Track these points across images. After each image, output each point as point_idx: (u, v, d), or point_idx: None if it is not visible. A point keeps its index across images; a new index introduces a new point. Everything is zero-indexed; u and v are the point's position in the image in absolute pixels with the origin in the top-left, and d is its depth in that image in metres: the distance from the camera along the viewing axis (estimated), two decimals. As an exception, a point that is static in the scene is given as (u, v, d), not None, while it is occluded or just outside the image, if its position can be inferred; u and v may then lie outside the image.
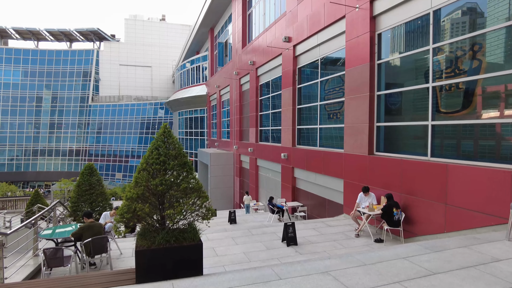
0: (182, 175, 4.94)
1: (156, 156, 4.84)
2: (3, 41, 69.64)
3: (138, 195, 4.71)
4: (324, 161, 11.54)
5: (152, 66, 71.69)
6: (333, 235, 8.53)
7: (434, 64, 7.45)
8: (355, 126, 9.80)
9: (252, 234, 8.53)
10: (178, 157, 5.02)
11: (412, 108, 8.19)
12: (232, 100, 23.71)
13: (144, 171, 4.85)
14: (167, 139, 5.03)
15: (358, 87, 9.64)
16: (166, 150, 4.95)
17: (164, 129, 5.10)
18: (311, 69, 13.17)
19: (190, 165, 5.12)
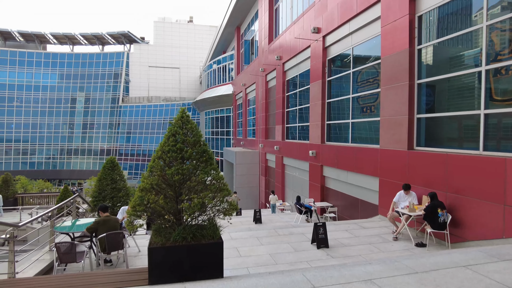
0: (201, 165, 4.41)
1: (173, 143, 4.35)
2: (42, 46, 73.18)
3: (152, 186, 4.23)
4: (357, 158, 10.71)
5: (180, 67, 72.74)
6: (368, 238, 7.74)
7: (488, 45, 6.51)
8: (392, 119, 8.95)
9: (279, 234, 7.90)
10: (196, 144, 4.50)
11: (460, 96, 7.27)
12: (258, 97, 23.19)
13: (159, 159, 4.37)
14: (185, 125, 4.53)
15: (395, 75, 8.79)
16: (184, 137, 4.44)
17: (182, 113, 4.60)
18: (342, 60, 12.37)
19: (210, 154, 4.59)
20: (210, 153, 4.67)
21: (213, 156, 4.66)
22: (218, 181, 4.59)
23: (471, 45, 6.99)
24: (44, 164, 64.59)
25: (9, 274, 4.71)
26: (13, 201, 23.93)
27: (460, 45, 7.32)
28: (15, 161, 63.86)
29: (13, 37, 68.24)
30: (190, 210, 4.07)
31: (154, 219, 4.34)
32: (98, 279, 4.01)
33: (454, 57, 7.51)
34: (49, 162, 64.93)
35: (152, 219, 4.34)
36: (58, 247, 5.01)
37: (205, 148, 4.58)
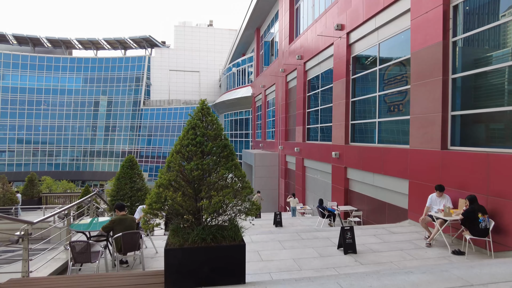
0: (222, 160, 4.08)
1: (192, 137, 4.04)
2: (68, 51, 75.71)
3: (170, 182, 3.93)
4: (384, 160, 10.14)
5: (200, 71, 73.42)
6: (398, 244, 7.19)
7: (536, 33, 5.90)
8: (423, 117, 8.37)
9: (302, 238, 7.48)
10: (217, 138, 4.18)
11: (501, 91, 6.65)
12: (278, 98, 22.81)
13: (178, 153, 4.07)
14: (205, 117, 4.22)
15: (427, 71, 8.22)
16: (204, 130, 4.13)
17: (202, 105, 4.30)
18: (367, 57, 11.84)
19: (231, 149, 4.26)
20: (232, 148, 4.34)
21: (234, 151, 4.33)
22: (240, 178, 4.26)
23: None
24: (68, 166, 66.48)
25: (23, 272, 4.53)
26: (37, 200, 24.51)
27: (502, 35, 6.71)
28: (42, 162, 66.07)
29: (42, 43, 70.87)
30: (210, 208, 3.75)
31: (171, 218, 4.04)
32: (112, 282, 3.74)
33: (493, 48, 6.90)
34: (72, 163, 66.79)
35: (170, 218, 4.04)
36: (72, 246, 4.81)
37: (227, 142, 4.25)
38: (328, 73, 14.88)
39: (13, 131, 66.00)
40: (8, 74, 67.58)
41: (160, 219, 4.18)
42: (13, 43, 70.26)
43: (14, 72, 67.75)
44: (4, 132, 65.62)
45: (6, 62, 67.62)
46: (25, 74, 68.12)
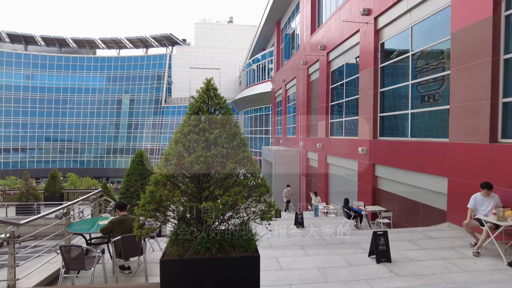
0: (231, 151, 3.33)
1: (195, 123, 3.31)
2: (92, 51, 77.44)
3: (168, 178, 3.22)
4: (418, 155, 9.10)
5: (220, 68, 73.18)
6: (439, 251, 6.23)
7: None
8: (467, 105, 7.30)
9: (327, 243, 6.64)
10: (226, 125, 3.43)
11: None
12: (299, 92, 21.86)
13: (178, 143, 3.36)
14: (211, 100, 3.48)
15: (472, 52, 7.15)
16: (209, 115, 3.39)
17: (208, 85, 3.56)
18: (398, 43, 10.77)
19: (243, 139, 3.50)
20: (244, 137, 3.58)
21: (247, 142, 3.57)
22: (254, 174, 3.49)
23: None
24: (92, 163, 68.08)
25: (8, 281, 3.99)
26: (59, 196, 24.75)
27: None
28: (67, 159, 67.99)
29: (67, 43, 72.78)
30: (215, 211, 3.01)
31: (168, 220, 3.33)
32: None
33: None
34: (96, 160, 68.33)
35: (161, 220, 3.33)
36: (63, 251, 4.22)
37: (237, 130, 3.49)
38: (354, 62, 13.85)
39: (41, 129, 68.26)
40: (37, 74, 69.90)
41: (160, 222, 3.47)
42: (41, 44, 72.56)
43: (42, 72, 69.98)
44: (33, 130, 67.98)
45: (35, 62, 69.94)
46: (52, 74, 70.20)
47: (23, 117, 67.00)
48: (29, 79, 68.59)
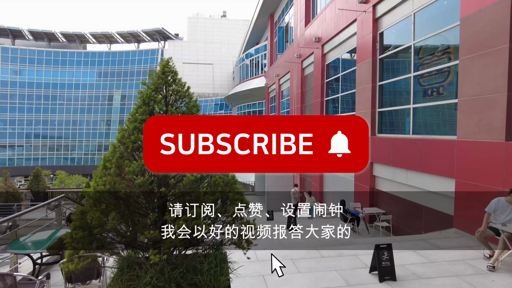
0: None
1: (142, 117, 2.44)
2: (82, 45, 75.67)
3: (102, 194, 2.35)
4: (422, 154, 8.32)
5: (213, 63, 71.95)
6: (450, 265, 5.45)
7: None
8: (479, 99, 6.52)
9: (322, 256, 5.83)
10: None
11: None
12: (293, 87, 21.01)
13: (120, 145, 2.49)
14: (168, 85, 2.61)
15: (485, 39, 6.35)
16: (163, 106, 2.53)
17: (165, 66, 2.68)
18: (398, 32, 9.96)
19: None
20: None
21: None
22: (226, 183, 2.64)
23: None
24: (83, 160, 66.72)
25: None
26: (43, 196, 23.71)
27: None
28: (57, 156, 66.55)
29: (57, 38, 70.95)
30: (166, 245, 2.15)
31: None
32: None
33: None
34: (87, 158, 66.96)
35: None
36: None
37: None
38: (351, 54, 13.03)
39: (30, 126, 66.63)
40: (25, 70, 68.11)
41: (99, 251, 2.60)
42: (29, 38, 70.65)
43: (30, 67, 68.18)
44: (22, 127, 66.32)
45: (22, 57, 68.13)
46: (41, 69, 68.41)
47: (11, 113, 65.33)
48: (16, 74, 66.86)
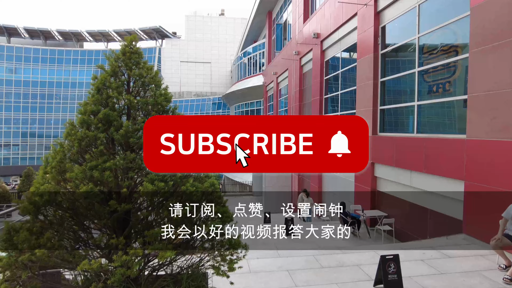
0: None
1: (92, 108, 1.90)
2: (79, 44, 74.93)
3: (38, 207, 1.80)
4: (427, 154, 7.80)
5: (211, 62, 71.37)
6: (462, 278, 4.93)
7: None
8: (492, 94, 6.00)
9: (322, 266, 5.30)
10: (155, 110, 2.03)
11: None
12: (291, 85, 20.49)
13: (68, 144, 1.94)
14: (128, 68, 2.06)
15: (500, 29, 5.83)
16: (118, 95, 1.98)
17: (126, 47, 2.15)
18: (402, 25, 9.45)
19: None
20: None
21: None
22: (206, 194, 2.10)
23: None
24: (78, 160, 66.21)
25: None
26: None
27: None
28: (53, 156, 65.87)
29: (53, 36, 70.20)
30: (115, 276, 1.60)
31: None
32: None
33: None
34: (84, 157, 66.47)
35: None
36: None
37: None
38: (351, 50, 12.52)
39: (26, 125, 65.93)
40: (21, 68, 67.35)
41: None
42: (24, 36, 69.86)
43: (26, 66, 67.43)
44: (17, 126, 65.62)
45: (18, 55, 67.36)
46: (37, 67, 67.69)
47: (6, 112, 64.57)
48: (12, 72, 66.10)
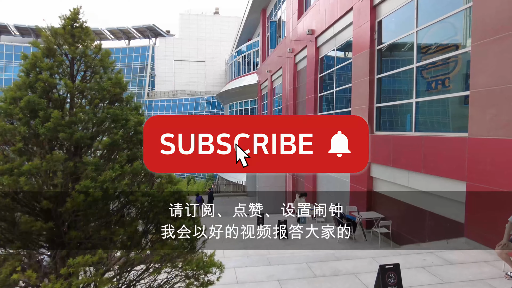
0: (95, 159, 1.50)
1: (15, 95, 1.47)
2: (70, 42, 74.03)
3: None
4: (426, 153, 7.45)
5: (205, 60, 70.79)
6: (467, 287, 4.56)
7: None
8: (495, 90, 5.65)
9: (315, 274, 4.89)
10: (107, 98, 1.82)
11: None
12: (285, 83, 20.09)
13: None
14: (67, 43, 1.64)
15: (504, 20, 5.48)
16: (52, 79, 1.55)
17: (71, 20, 1.72)
18: (399, 19, 9.09)
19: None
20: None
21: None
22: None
23: None
24: (71, 159, 65.29)
25: None
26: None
27: None
28: (45, 156, 64.94)
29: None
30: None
31: None
32: None
33: None
34: (76, 157, 65.55)
35: None
36: None
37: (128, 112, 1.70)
38: (346, 46, 12.16)
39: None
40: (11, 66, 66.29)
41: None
42: (15, 34, 68.71)
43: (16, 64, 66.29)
44: (8, 125, 64.62)
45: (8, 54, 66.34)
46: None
47: None
48: (2, 71, 65.05)
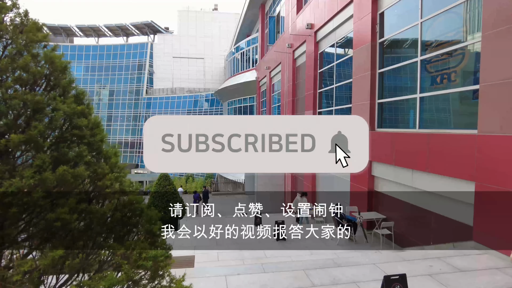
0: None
1: None
2: (68, 39, 73.29)
3: None
4: (431, 151, 7.05)
5: (204, 57, 70.23)
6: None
7: None
8: (507, 83, 5.24)
9: (313, 284, 4.49)
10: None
11: None
12: (284, 80, 19.66)
13: None
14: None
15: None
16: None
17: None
18: (402, 10, 8.67)
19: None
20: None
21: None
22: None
23: None
24: (70, 157, 64.86)
25: None
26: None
27: None
28: (43, 153, 64.46)
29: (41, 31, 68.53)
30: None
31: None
32: None
33: None
34: (74, 155, 65.12)
35: None
36: None
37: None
38: (347, 40, 11.73)
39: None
40: (9, 63, 65.63)
41: None
42: (13, 31, 68.08)
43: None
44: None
45: (6, 50, 65.60)
46: (26, 62, 66.07)
47: None
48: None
